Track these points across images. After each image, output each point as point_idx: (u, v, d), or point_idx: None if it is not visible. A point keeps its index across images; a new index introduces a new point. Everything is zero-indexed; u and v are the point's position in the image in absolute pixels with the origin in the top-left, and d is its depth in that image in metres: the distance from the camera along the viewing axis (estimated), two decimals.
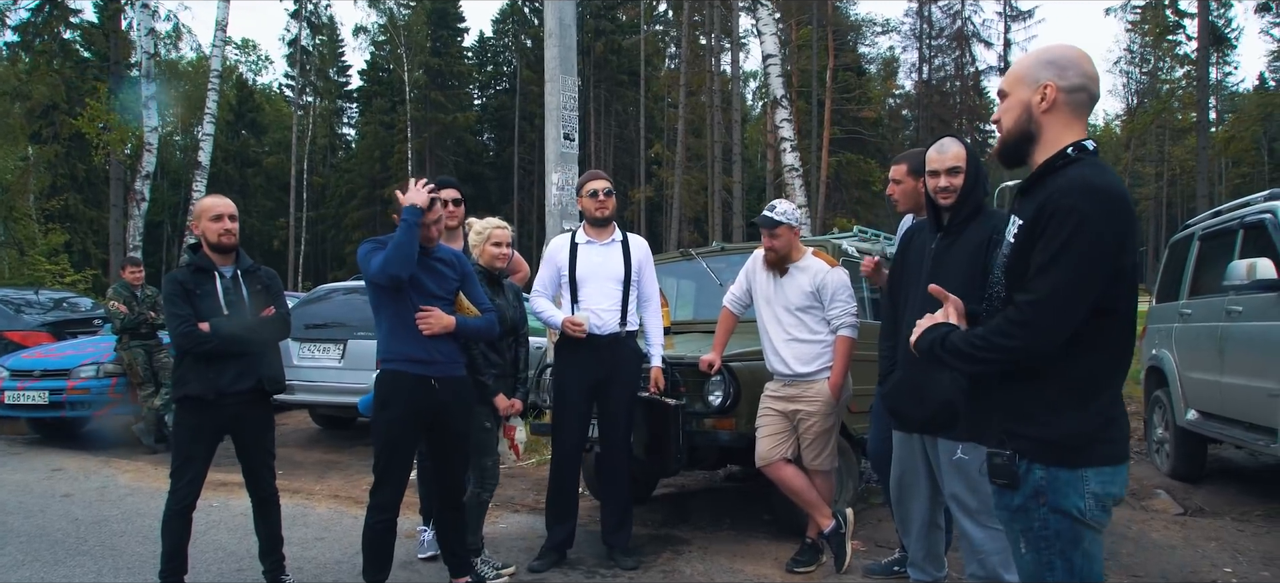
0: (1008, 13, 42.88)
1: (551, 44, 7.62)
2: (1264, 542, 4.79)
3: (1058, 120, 1.99)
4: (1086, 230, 1.85)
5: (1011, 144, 2.06)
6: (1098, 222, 1.85)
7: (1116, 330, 1.95)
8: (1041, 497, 1.92)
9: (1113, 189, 1.89)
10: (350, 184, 46.39)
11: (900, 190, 4.10)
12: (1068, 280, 1.85)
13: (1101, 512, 1.92)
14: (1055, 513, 1.91)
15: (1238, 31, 38.60)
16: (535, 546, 4.79)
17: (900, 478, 3.58)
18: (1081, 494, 1.89)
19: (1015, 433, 1.97)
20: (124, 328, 8.03)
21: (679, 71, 35.52)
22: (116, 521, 5.47)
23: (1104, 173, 1.93)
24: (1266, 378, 4.94)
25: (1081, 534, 1.91)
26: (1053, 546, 1.93)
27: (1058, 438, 1.91)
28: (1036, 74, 2.01)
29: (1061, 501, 1.90)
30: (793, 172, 10.78)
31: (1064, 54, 2.02)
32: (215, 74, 17.46)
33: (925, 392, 3.18)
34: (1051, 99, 1.98)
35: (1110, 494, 1.93)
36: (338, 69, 50.52)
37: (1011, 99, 2.05)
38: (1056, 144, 1.99)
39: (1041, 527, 1.93)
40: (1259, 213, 5.37)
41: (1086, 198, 1.86)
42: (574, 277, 4.59)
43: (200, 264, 3.85)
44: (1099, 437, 1.92)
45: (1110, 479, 1.92)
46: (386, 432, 3.71)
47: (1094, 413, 1.92)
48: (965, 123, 43.61)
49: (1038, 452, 1.94)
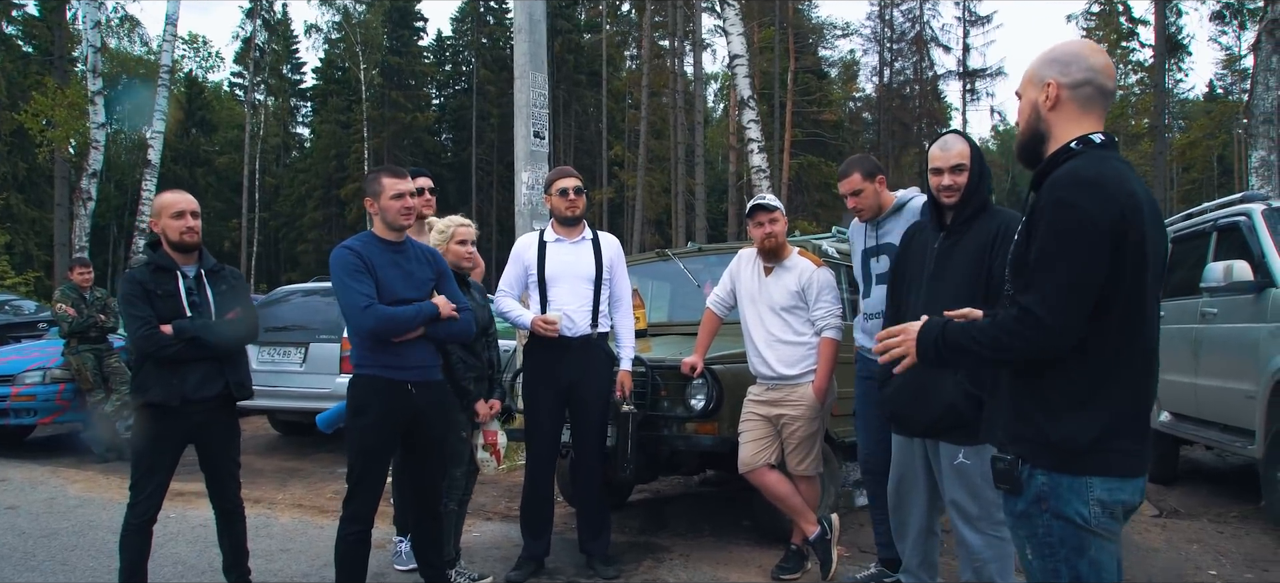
0: (966, 17, 43.56)
1: (521, 40, 7.48)
2: (1244, 543, 4.81)
3: (1065, 117, 1.98)
4: (1077, 220, 1.82)
5: (1026, 144, 2.06)
6: (1088, 209, 1.82)
7: (1115, 331, 1.87)
8: (1043, 502, 1.89)
9: (1104, 177, 1.86)
10: (305, 185, 45.56)
11: (861, 199, 4.02)
12: (1067, 273, 1.82)
13: (1109, 519, 1.87)
14: (1058, 519, 1.88)
15: (1190, 38, 39.66)
16: (510, 554, 4.65)
17: (899, 483, 3.49)
18: (1085, 501, 1.85)
19: (1017, 436, 1.96)
20: (72, 332, 7.70)
21: (640, 72, 35.46)
22: (67, 533, 5.21)
23: (1101, 163, 1.89)
24: (1243, 380, 4.97)
25: (1086, 542, 1.86)
26: (1057, 552, 1.89)
27: (1055, 441, 1.88)
28: (1042, 73, 2.01)
29: (1063, 507, 1.87)
30: (760, 173, 10.74)
31: (1067, 50, 2.01)
32: (165, 70, 16.96)
33: (928, 396, 3.09)
34: (1055, 96, 1.97)
35: (1119, 502, 1.87)
36: (291, 67, 49.59)
37: (1023, 100, 2.06)
38: (1064, 140, 1.98)
39: (1045, 533, 1.90)
40: (1234, 216, 5.42)
41: (1075, 189, 1.85)
42: (543, 276, 4.45)
43: (161, 263, 3.63)
44: (1103, 444, 1.86)
45: (1119, 487, 1.87)
46: (361, 439, 3.53)
47: (1093, 418, 1.86)
48: (925, 126, 44.17)
49: (1037, 455, 1.91)
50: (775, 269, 4.39)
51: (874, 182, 3.99)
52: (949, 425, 3.06)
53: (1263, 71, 8.39)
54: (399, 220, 3.58)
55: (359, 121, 42.24)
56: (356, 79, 43.15)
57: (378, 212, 3.57)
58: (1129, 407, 1.90)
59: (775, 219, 4.34)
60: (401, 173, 3.63)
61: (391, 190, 3.54)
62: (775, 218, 4.34)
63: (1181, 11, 36.72)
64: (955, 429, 3.06)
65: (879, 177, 4.04)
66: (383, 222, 3.58)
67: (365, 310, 3.39)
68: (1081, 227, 1.81)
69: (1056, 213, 1.84)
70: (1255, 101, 8.44)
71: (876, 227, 4.07)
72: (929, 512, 3.48)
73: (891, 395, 3.32)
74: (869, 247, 4.11)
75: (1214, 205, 5.99)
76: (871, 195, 3.99)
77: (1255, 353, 4.90)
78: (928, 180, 3.29)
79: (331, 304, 8.03)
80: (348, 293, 3.44)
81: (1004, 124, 51.25)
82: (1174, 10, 34.23)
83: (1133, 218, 1.84)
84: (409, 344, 3.52)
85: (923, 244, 3.33)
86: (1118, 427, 1.87)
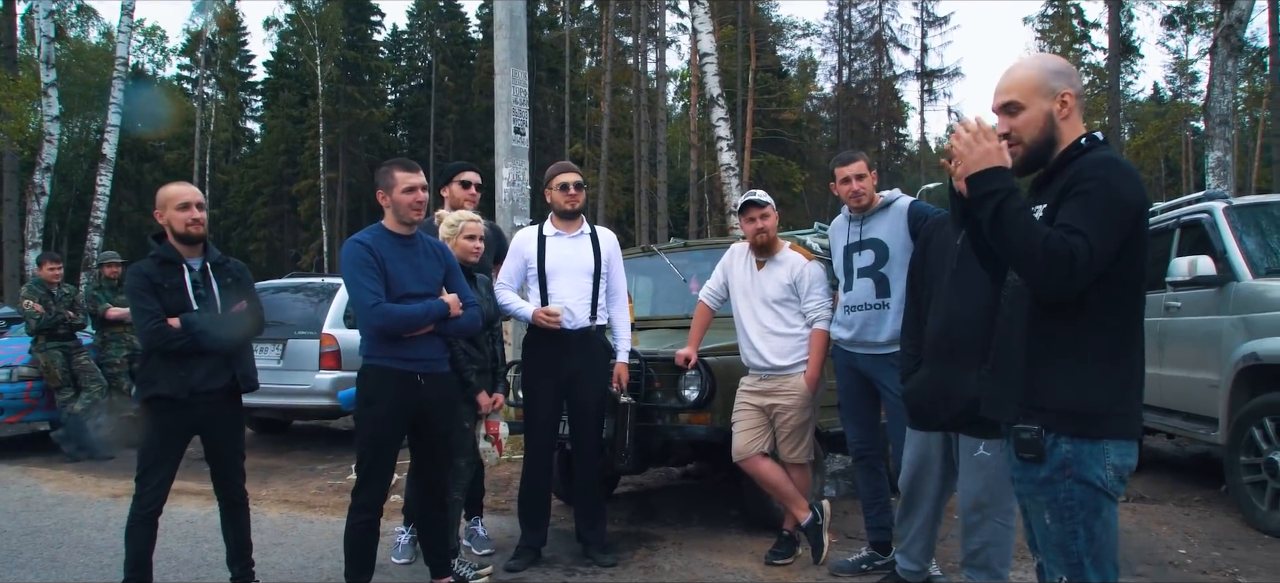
0: (924, 18, 44.07)
1: (501, 37, 7.52)
2: (1210, 524, 5.04)
3: (1071, 122, 2.15)
4: (1112, 194, 1.98)
5: (1036, 151, 2.16)
6: (1121, 188, 2.00)
7: (1128, 303, 2.05)
8: (1067, 469, 2.03)
9: (1131, 168, 2.08)
10: (256, 180, 44.60)
11: (864, 184, 4.16)
12: (1105, 241, 1.95)
13: (1119, 482, 2.05)
14: (1079, 484, 2.02)
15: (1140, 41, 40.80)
16: (505, 545, 4.70)
17: (914, 473, 3.61)
18: (1103, 466, 2.02)
19: (1039, 407, 2.07)
20: (40, 328, 7.54)
21: (602, 69, 35.40)
22: (50, 532, 5.14)
23: (1120, 156, 2.12)
24: (1207, 370, 5.21)
25: (1101, 504, 2.03)
26: (1077, 515, 2.04)
27: (1080, 409, 2.02)
28: (1052, 85, 2.14)
29: (1085, 472, 2.02)
30: (730, 171, 10.87)
31: (1063, 63, 2.21)
32: (120, 62, 16.63)
33: (951, 392, 3.18)
34: (1070, 106, 2.13)
35: (1126, 466, 2.06)
36: (241, 60, 48.53)
37: (1031, 112, 2.15)
38: (1070, 139, 2.16)
39: (1066, 498, 2.04)
40: (1196, 212, 5.67)
41: (1111, 169, 2.02)
42: (543, 269, 4.51)
43: (166, 256, 3.61)
44: (1117, 409, 2.04)
45: (1127, 452, 2.06)
46: (371, 429, 3.58)
47: (1113, 384, 2.03)
48: (883, 126, 44.66)
49: (1062, 424, 2.04)
50: (767, 263, 4.50)
51: (871, 173, 4.16)
52: (970, 420, 3.13)
53: (1219, 75, 8.72)
54: (410, 215, 3.62)
55: (312, 117, 41.40)
56: (311, 73, 42.33)
57: (390, 205, 3.62)
58: (1137, 374, 2.08)
59: (767, 214, 4.45)
60: (414, 167, 3.68)
61: (404, 184, 3.59)
62: (767, 213, 4.46)
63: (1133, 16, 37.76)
64: (976, 424, 3.15)
65: (873, 170, 4.21)
66: (394, 215, 3.62)
67: (374, 308, 3.45)
68: (1123, 205, 1.98)
69: (1095, 187, 1.99)
70: (1212, 104, 8.77)
71: (861, 222, 4.20)
72: (938, 502, 3.62)
73: (913, 391, 3.43)
74: (852, 242, 4.24)
75: (1177, 202, 6.25)
76: (871, 184, 4.16)
77: (1218, 344, 5.14)
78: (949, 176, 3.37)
79: (308, 300, 8.01)
80: (358, 289, 3.49)
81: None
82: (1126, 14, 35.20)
83: (1147, 208, 2.06)
84: (419, 337, 3.57)
85: (943, 241, 3.43)
86: (1128, 393, 2.06)
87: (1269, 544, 4.63)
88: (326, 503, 5.91)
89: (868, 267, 4.16)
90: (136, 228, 40.22)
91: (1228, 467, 5.09)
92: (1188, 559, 4.43)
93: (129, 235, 36.82)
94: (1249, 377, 4.95)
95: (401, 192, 3.59)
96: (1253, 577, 4.14)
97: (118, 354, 8.00)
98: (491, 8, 45.23)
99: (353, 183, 42.43)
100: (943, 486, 3.59)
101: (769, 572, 4.34)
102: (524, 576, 4.32)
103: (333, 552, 4.70)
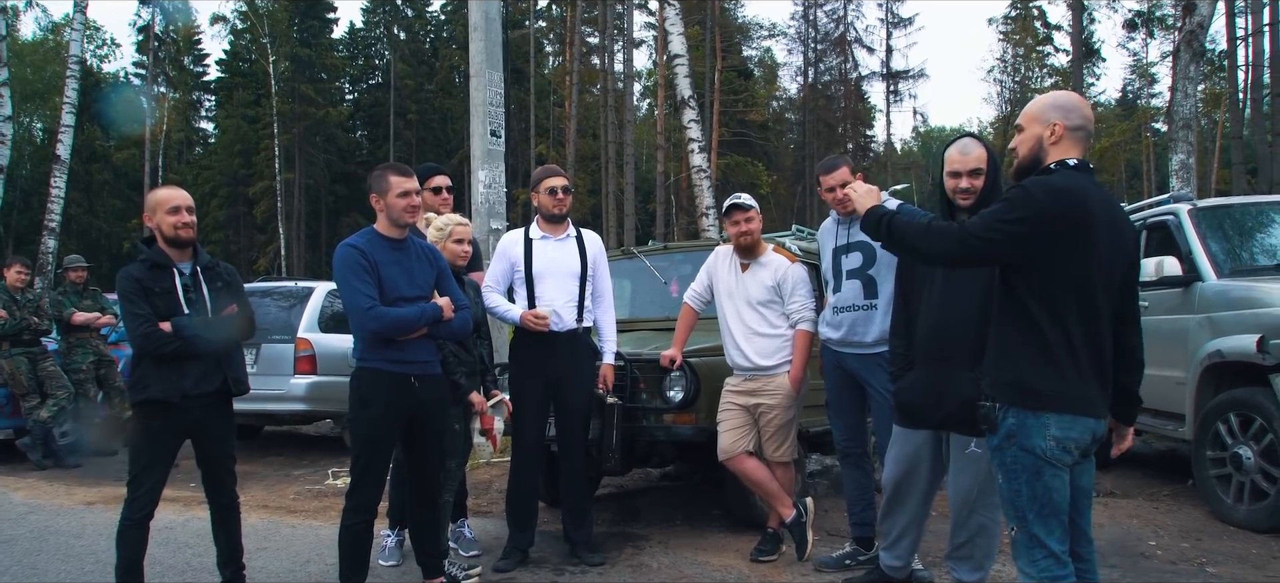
0: (889, 19, 44.56)
1: (476, 38, 7.52)
2: (1178, 517, 5.21)
3: (1060, 149, 2.52)
4: (1028, 200, 2.42)
5: (1024, 164, 2.60)
6: (1040, 199, 2.41)
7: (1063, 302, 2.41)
8: (1012, 437, 2.46)
9: (1063, 186, 2.43)
10: (210, 181, 43.62)
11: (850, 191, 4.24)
12: (1000, 227, 2.43)
13: (1062, 452, 2.43)
14: (1022, 450, 2.44)
15: (1100, 43, 41.68)
16: (492, 547, 4.72)
17: (903, 471, 3.69)
18: (1043, 437, 2.42)
19: (996, 382, 2.53)
20: (4, 334, 7.36)
21: (567, 69, 35.22)
22: (26, 539, 5.05)
23: (1068, 177, 2.46)
24: (1174, 367, 5.39)
25: (1042, 469, 2.43)
26: (1020, 476, 2.46)
27: (1019, 384, 2.46)
28: (1047, 115, 2.55)
29: (1026, 440, 2.44)
30: (701, 173, 10.96)
31: (1068, 99, 2.59)
32: (74, 60, 16.25)
33: (944, 392, 3.28)
34: (1059, 134, 2.52)
35: (1071, 438, 2.43)
36: (193, 58, 47.54)
37: (1027, 133, 2.59)
38: (1052, 160, 2.54)
39: (1012, 461, 2.48)
40: (1162, 215, 5.86)
41: (1038, 184, 2.45)
42: (531, 272, 4.55)
43: (156, 260, 3.59)
44: (1054, 387, 2.42)
45: (1070, 426, 2.43)
46: (366, 431, 3.60)
47: (1049, 368, 2.42)
48: (850, 127, 44.96)
49: (1004, 393, 2.49)
50: (751, 266, 4.57)
51: (856, 178, 4.24)
52: (962, 420, 3.23)
53: (1181, 79, 8.96)
54: (404, 218, 3.65)
55: (267, 116, 40.65)
56: (264, 72, 41.56)
57: (383, 208, 3.63)
58: (1080, 360, 2.43)
59: (751, 218, 4.53)
60: (408, 171, 3.70)
61: (398, 189, 3.61)
62: (751, 217, 4.53)
63: (1095, 19, 38.61)
64: (968, 422, 3.23)
65: (859, 174, 4.29)
66: (387, 219, 3.64)
67: (368, 312, 3.48)
68: (1027, 205, 2.42)
69: (1017, 192, 2.47)
70: (1175, 108, 9.01)
71: (849, 226, 4.29)
72: (925, 501, 3.72)
73: (905, 390, 3.52)
74: (841, 244, 4.32)
75: (1144, 205, 6.46)
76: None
77: (1185, 342, 5.32)
78: (943, 183, 3.43)
79: (281, 305, 7.93)
80: (352, 293, 3.51)
81: (925, 125, 52.81)
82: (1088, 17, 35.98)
83: (1080, 218, 2.40)
84: (412, 340, 3.60)
85: None
86: (1066, 374, 2.42)
87: (1234, 535, 4.81)
88: (306, 508, 5.88)
89: (856, 268, 4.24)
90: (86, 230, 39.22)
91: (1195, 461, 5.27)
92: (1157, 551, 4.59)
93: (77, 238, 35.88)
94: (1214, 374, 5.14)
95: (395, 196, 3.61)
96: (1219, 566, 4.31)
97: (83, 360, 7.84)
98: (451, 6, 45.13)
99: (310, 184, 41.73)
100: (930, 484, 3.68)
101: (754, 569, 4.40)
102: (513, 575, 4.35)
103: (318, 556, 4.69)
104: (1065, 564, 2.45)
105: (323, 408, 7.91)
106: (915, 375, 3.48)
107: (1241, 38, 24.34)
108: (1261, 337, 4.67)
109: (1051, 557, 2.43)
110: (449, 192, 4.77)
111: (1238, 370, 5.00)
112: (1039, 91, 40.04)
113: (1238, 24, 24.74)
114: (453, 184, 4.92)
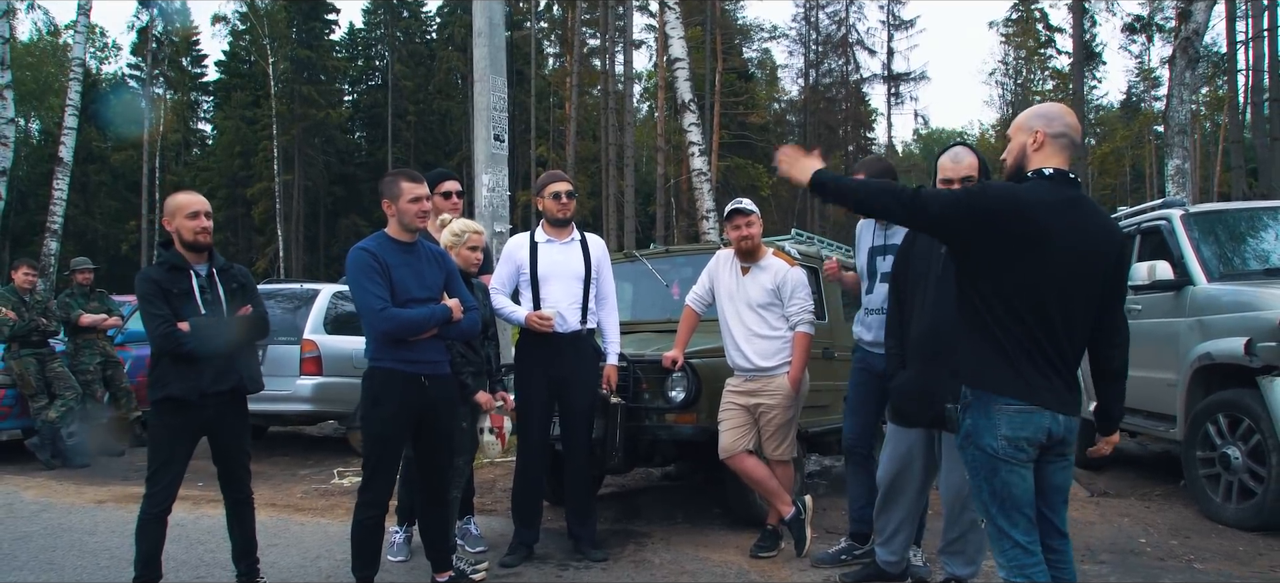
0: (891, 21, 44.59)
1: (480, 44, 7.62)
2: (1168, 516, 5.32)
3: (1042, 156, 2.63)
4: (982, 190, 2.62)
5: (1012, 173, 2.72)
6: (987, 190, 2.65)
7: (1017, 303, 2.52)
8: (970, 438, 2.61)
9: (1022, 191, 2.56)
10: (208, 183, 43.40)
11: None
12: (953, 203, 2.61)
13: (1014, 450, 2.54)
14: (977, 449, 2.59)
15: (1102, 46, 41.78)
16: (498, 544, 4.83)
17: (897, 469, 3.80)
18: (995, 437, 2.55)
19: (954, 371, 2.71)
20: (13, 336, 7.45)
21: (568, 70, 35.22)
22: (41, 536, 5.14)
23: (1035, 186, 2.58)
24: (1166, 370, 5.51)
25: (997, 466, 2.56)
26: (980, 473, 2.61)
27: (971, 368, 2.62)
28: (1031, 124, 2.66)
29: (980, 440, 2.58)
30: (701, 176, 11.06)
31: (1052, 109, 2.71)
32: (76, 62, 16.34)
33: (937, 392, 3.34)
34: (1041, 142, 2.63)
35: (1022, 436, 2.53)
36: (192, 59, 47.56)
37: (1014, 142, 2.71)
38: (1034, 168, 2.64)
39: (971, 460, 2.63)
40: (1155, 220, 5.98)
41: (993, 183, 2.67)
42: (536, 275, 4.66)
43: (174, 262, 3.71)
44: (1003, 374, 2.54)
45: (1021, 424, 2.53)
46: (378, 429, 3.73)
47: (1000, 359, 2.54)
48: (850, 129, 44.89)
49: (966, 379, 2.64)
50: (752, 269, 4.68)
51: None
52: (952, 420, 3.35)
53: (1177, 85, 9.07)
54: (415, 223, 3.77)
55: (266, 117, 40.65)
56: (263, 73, 41.56)
57: (395, 213, 3.75)
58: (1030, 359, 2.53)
59: (752, 222, 4.63)
60: (419, 177, 3.82)
61: (409, 194, 3.73)
62: (752, 221, 4.63)
63: (1095, 22, 38.72)
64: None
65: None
66: (399, 223, 3.76)
67: (380, 313, 3.61)
68: (982, 195, 2.62)
69: (975, 184, 2.69)
70: (1171, 113, 9.11)
71: (886, 227, 4.27)
72: (918, 499, 3.83)
73: (897, 390, 3.63)
74: (877, 245, 4.32)
75: (1138, 209, 6.58)
76: None
77: (1176, 345, 5.44)
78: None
79: (287, 306, 8.03)
80: (364, 295, 3.64)
81: (926, 128, 52.85)
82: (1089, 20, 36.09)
83: (1030, 219, 2.49)
84: (422, 341, 3.72)
85: (926, 247, 3.61)
86: (1018, 365, 2.53)
87: (1223, 533, 4.92)
88: (314, 506, 5.97)
89: (889, 271, 4.30)
90: (82, 231, 39.22)
91: (1185, 461, 5.38)
92: (1147, 548, 4.70)
93: (75, 239, 35.90)
94: (1204, 376, 5.25)
95: (407, 201, 3.74)
96: (1206, 563, 4.42)
97: (91, 362, 7.94)
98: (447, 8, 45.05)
99: (309, 186, 41.77)
100: (924, 481, 3.79)
101: (754, 565, 4.50)
102: (519, 571, 4.45)
103: (327, 552, 4.79)
104: (1032, 554, 2.55)
105: (328, 409, 7.99)
106: (908, 375, 3.60)
107: (1242, 42, 24.55)
108: (1249, 340, 4.78)
109: (1018, 547, 2.56)
110: (459, 197, 4.88)
111: (1227, 373, 5.11)
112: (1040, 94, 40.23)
113: (1239, 28, 24.94)
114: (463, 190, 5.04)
